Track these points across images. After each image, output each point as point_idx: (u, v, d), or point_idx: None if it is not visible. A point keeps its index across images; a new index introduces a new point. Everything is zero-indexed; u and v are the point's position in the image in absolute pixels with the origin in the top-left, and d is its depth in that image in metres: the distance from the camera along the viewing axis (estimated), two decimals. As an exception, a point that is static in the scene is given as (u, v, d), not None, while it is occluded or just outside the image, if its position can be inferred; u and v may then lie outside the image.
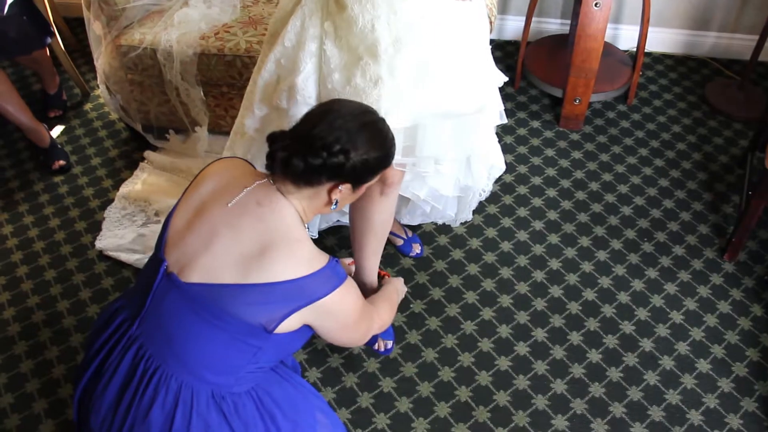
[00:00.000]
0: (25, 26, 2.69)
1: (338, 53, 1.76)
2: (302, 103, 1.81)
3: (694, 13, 3.27)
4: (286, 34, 1.82)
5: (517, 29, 3.37)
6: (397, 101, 1.76)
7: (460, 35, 1.86)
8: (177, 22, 2.60)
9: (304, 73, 1.80)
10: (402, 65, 1.74)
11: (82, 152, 2.91)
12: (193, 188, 1.57)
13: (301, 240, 1.47)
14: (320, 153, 1.45)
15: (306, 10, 1.80)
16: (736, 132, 2.98)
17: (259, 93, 1.92)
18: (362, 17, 1.71)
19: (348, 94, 1.74)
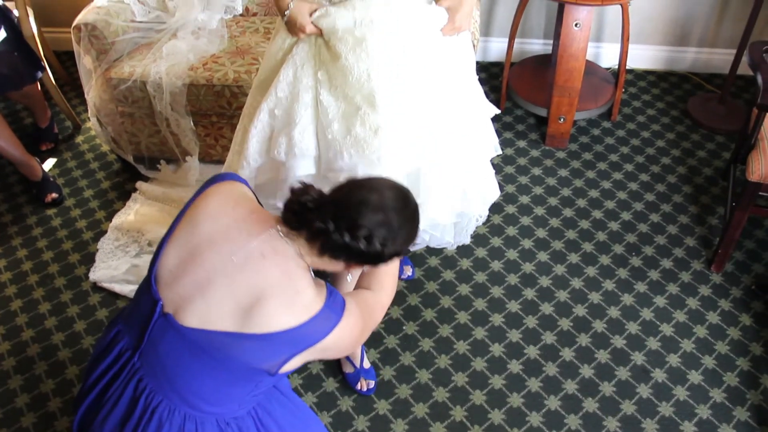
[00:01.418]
0: (17, 62, 2.73)
1: (335, 102, 1.79)
2: (300, 155, 1.83)
3: (673, 29, 3.34)
4: (278, 84, 1.83)
5: (501, 50, 3.43)
6: (398, 148, 1.79)
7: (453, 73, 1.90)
8: (166, 54, 2.64)
9: (301, 125, 1.81)
10: (400, 113, 1.77)
11: (75, 184, 2.93)
12: (188, 221, 1.52)
13: (300, 291, 1.44)
14: (360, 241, 1.41)
15: (297, 59, 1.82)
16: (719, 145, 3.03)
17: (254, 145, 1.91)
18: (357, 67, 1.74)
19: (349, 144, 1.76)
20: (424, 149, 1.85)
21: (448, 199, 1.99)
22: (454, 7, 1.86)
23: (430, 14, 1.84)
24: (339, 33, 1.77)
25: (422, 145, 1.84)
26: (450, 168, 1.91)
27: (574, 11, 2.63)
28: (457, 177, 1.96)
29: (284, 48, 1.87)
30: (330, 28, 1.78)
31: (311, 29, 1.80)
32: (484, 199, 2.17)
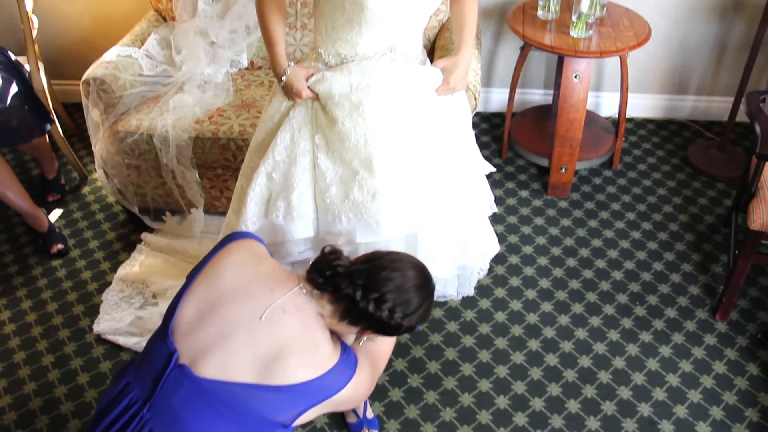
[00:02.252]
0: (27, 115, 2.78)
1: (332, 166, 1.82)
2: (299, 219, 1.85)
3: (671, 78, 3.39)
4: (275, 148, 1.86)
5: (502, 101, 3.48)
6: (396, 211, 1.81)
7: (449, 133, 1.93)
8: (172, 107, 2.69)
9: (299, 189, 1.84)
10: (398, 176, 1.80)
11: (80, 235, 2.95)
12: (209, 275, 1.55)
13: (319, 345, 1.49)
14: (383, 312, 1.50)
15: (294, 123, 1.86)
16: (720, 192, 3.05)
17: (252, 209, 1.93)
18: (354, 132, 1.77)
19: (347, 208, 1.79)
20: (422, 211, 1.87)
21: (448, 255, 2.01)
22: (449, 69, 1.91)
23: (425, 76, 1.88)
24: (336, 98, 1.81)
25: (420, 207, 1.86)
26: (449, 225, 1.93)
27: (574, 63, 2.68)
28: (456, 234, 1.98)
29: (281, 111, 1.91)
30: (326, 92, 1.82)
31: (308, 94, 1.84)
32: (484, 253, 2.19)
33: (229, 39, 2.88)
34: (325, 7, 1.78)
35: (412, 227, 1.88)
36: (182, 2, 2.94)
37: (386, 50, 1.84)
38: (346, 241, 1.86)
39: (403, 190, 1.83)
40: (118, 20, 3.45)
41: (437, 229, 1.93)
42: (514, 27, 2.80)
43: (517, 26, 2.79)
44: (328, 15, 1.79)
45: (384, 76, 1.82)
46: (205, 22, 2.89)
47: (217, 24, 2.88)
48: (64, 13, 3.49)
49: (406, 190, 1.83)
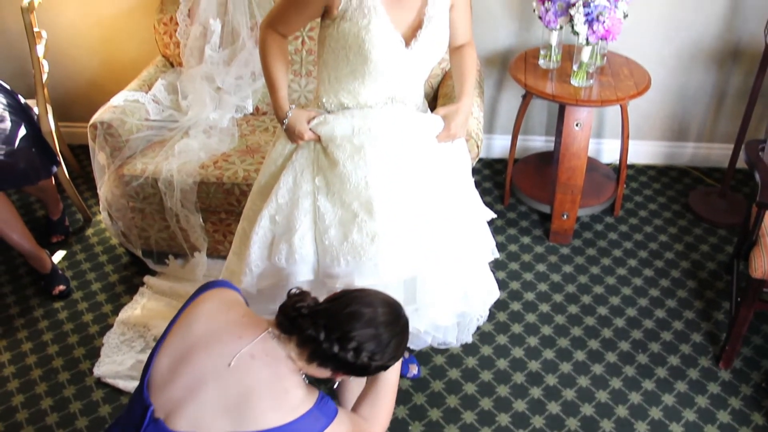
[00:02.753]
0: (34, 157, 2.81)
1: (332, 208, 1.83)
2: (301, 261, 1.86)
3: (671, 125, 3.43)
4: (278, 190, 1.89)
5: (504, 147, 3.51)
6: (395, 255, 1.82)
7: (449, 179, 1.95)
8: (177, 152, 2.72)
9: (300, 231, 1.85)
10: (398, 219, 1.81)
11: (83, 277, 2.96)
12: (181, 326, 1.56)
13: (289, 389, 1.48)
14: (348, 352, 1.47)
15: (297, 165, 1.88)
16: (722, 238, 3.06)
17: (255, 251, 1.95)
18: (355, 174, 1.80)
19: (346, 250, 1.80)
20: (421, 255, 1.87)
21: (448, 302, 2.01)
22: (450, 116, 1.94)
23: (426, 122, 1.91)
24: (337, 140, 1.84)
25: (420, 251, 1.87)
26: (449, 271, 1.94)
27: (575, 112, 2.72)
28: (457, 280, 1.99)
29: (284, 154, 1.94)
30: (328, 135, 1.85)
31: (310, 136, 1.87)
32: (485, 300, 2.19)
33: (234, 85, 2.93)
34: (329, 57, 1.82)
35: (411, 271, 1.89)
36: (189, 48, 3.00)
37: (387, 100, 1.88)
38: (345, 285, 1.85)
39: (403, 234, 1.84)
40: (126, 64, 3.51)
41: (437, 275, 1.93)
42: (516, 76, 2.84)
43: (518, 75, 2.84)
44: (332, 65, 1.83)
45: (386, 121, 1.85)
46: (211, 68, 2.94)
47: (224, 70, 2.93)
48: (73, 57, 3.55)
49: (405, 234, 1.84)
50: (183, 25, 3.02)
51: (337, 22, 1.75)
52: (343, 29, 1.74)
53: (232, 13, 2.94)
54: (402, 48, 1.77)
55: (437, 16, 1.81)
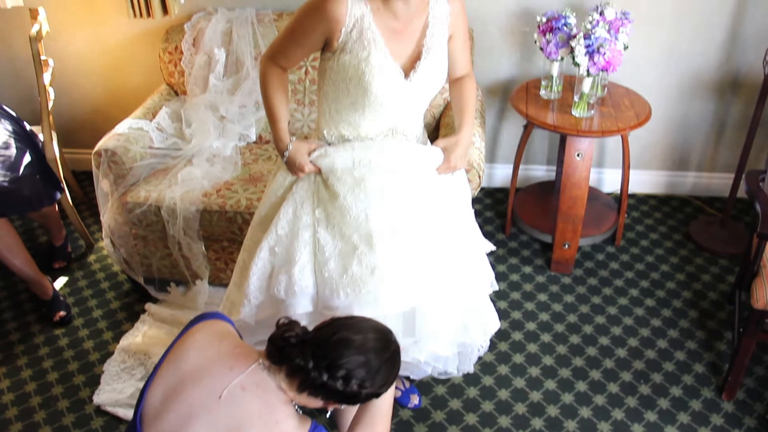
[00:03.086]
0: (38, 184, 2.82)
1: (332, 241, 1.84)
2: (300, 293, 1.87)
3: (672, 155, 3.45)
4: (278, 222, 1.90)
5: (506, 176, 3.53)
6: (395, 287, 1.83)
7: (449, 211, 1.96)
8: (181, 180, 2.73)
9: (300, 263, 1.86)
10: (397, 252, 1.82)
11: (84, 304, 2.95)
12: (173, 358, 1.56)
13: (280, 421, 1.48)
14: (337, 381, 1.47)
15: (297, 197, 1.90)
16: (723, 268, 3.06)
17: (254, 282, 1.95)
18: (355, 207, 1.81)
19: (345, 283, 1.80)
20: (421, 288, 1.87)
21: (447, 333, 2.01)
22: (450, 148, 1.96)
23: (426, 155, 1.93)
24: (338, 173, 1.85)
25: (419, 284, 1.87)
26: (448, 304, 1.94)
27: (576, 142, 2.74)
28: (456, 312, 1.98)
29: (284, 185, 1.95)
30: (329, 168, 1.86)
31: (310, 168, 1.88)
32: (485, 330, 2.19)
33: (238, 114, 2.96)
34: (330, 89, 1.84)
35: (411, 304, 1.89)
36: (194, 77, 3.03)
37: (388, 132, 1.90)
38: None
39: (402, 266, 1.84)
40: (130, 92, 3.54)
41: (436, 308, 1.93)
42: (517, 106, 2.87)
43: (520, 105, 2.86)
44: (332, 97, 1.85)
45: (386, 154, 1.86)
46: (215, 97, 2.97)
47: (227, 99, 2.96)
48: (79, 85, 3.59)
49: (405, 266, 1.85)
50: (188, 54, 3.06)
51: (337, 55, 1.77)
52: (343, 61, 1.76)
53: (237, 42, 2.98)
54: (401, 79, 1.79)
55: (435, 48, 1.83)
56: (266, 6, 3.18)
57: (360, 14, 1.72)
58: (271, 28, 3.03)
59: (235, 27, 3.01)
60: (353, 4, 1.72)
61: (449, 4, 1.85)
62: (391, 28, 1.77)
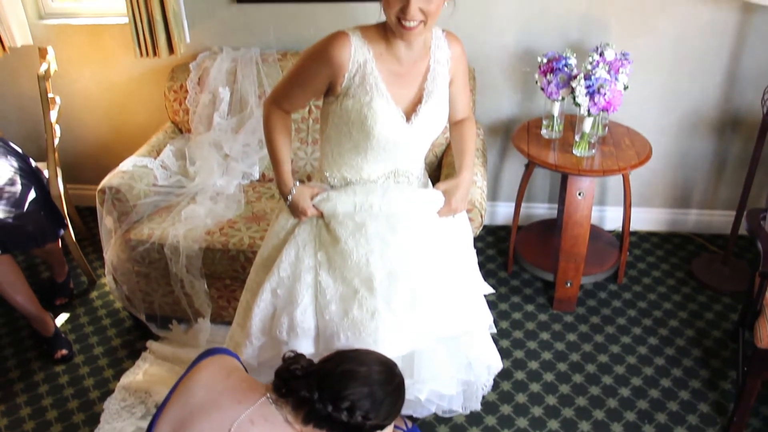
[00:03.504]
0: (42, 221, 2.84)
1: (333, 284, 1.85)
2: (302, 335, 1.87)
3: (673, 192, 3.46)
4: (280, 264, 1.91)
5: (508, 215, 3.54)
6: (394, 331, 1.83)
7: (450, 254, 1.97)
8: (184, 217, 2.74)
9: (302, 305, 1.87)
10: (397, 296, 1.83)
11: (85, 341, 2.95)
12: (181, 393, 1.56)
13: None
14: (342, 412, 1.48)
15: (299, 240, 1.91)
16: (726, 306, 3.05)
17: (257, 324, 1.96)
18: (356, 251, 1.82)
19: (346, 326, 1.81)
20: (419, 332, 1.88)
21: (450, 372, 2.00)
22: (451, 191, 1.98)
23: (427, 198, 1.95)
24: (339, 217, 1.86)
25: (418, 328, 1.88)
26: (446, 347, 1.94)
27: (577, 181, 2.75)
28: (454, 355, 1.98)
29: (287, 228, 1.96)
30: (331, 212, 1.88)
31: (313, 212, 1.90)
32: (489, 368, 2.18)
33: (242, 152, 2.98)
34: (332, 132, 1.86)
35: (410, 347, 1.88)
36: (198, 116, 3.06)
37: (390, 174, 1.91)
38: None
39: (403, 310, 1.85)
40: (135, 129, 3.58)
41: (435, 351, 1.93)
42: (518, 145, 2.89)
43: (521, 145, 2.89)
44: (335, 141, 1.87)
45: (388, 198, 1.88)
46: (219, 135, 2.99)
47: (232, 137, 2.99)
48: (84, 122, 3.63)
49: (404, 310, 1.85)
50: (193, 93, 3.10)
51: (340, 99, 1.80)
52: (346, 106, 1.78)
53: (241, 82, 3.02)
54: (403, 123, 1.81)
55: (437, 92, 1.86)
56: (270, 46, 3.23)
57: (363, 60, 1.75)
58: (275, 67, 3.07)
59: (239, 66, 3.06)
60: (357, 50, 1.75)
61: (450, 48, 1.88)
62: (394, 72, 1.80)
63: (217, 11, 3.23)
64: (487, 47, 3.16)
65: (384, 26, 1.78)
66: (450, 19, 1.88)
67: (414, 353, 1.90)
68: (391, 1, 1.67)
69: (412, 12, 1.65)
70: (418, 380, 1.92)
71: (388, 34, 1.77)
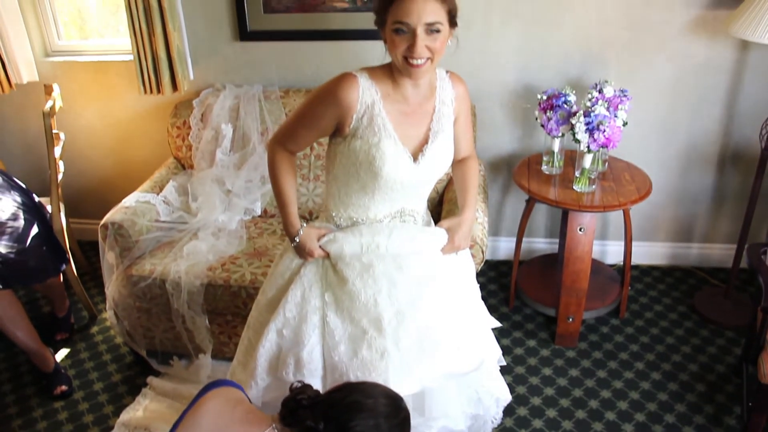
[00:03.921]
0: (44, 256, 2.84)
1: (341, 324, 1.85)
2: (309, 376, 1.87)
3: (674, 226, 3.47)
4: (286, 304, 1.91)
5: (510, 249, 3.55)
6: (404, 370, 1.83)
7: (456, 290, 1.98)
8: (186, 253, 2.75)
9: (309, 345, 1.87)
10: (406, 335, 1.83)
11: (86, 376, 2.93)
12: (186, 427, 1.56)
13: None
14: None
15: (305, 280, 1.91)
16: (729, 340, 3.04)
17: (262, 364, 1.95)
18: (364, 292, 1.83)
19: (355, 366, 1.81)
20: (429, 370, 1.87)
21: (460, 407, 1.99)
22: (454, 228, 1.99)
23: (432, 237, 1.96)
24: (346, 258, 1.87)
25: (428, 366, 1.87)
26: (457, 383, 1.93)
27: (578, 217, 2.76)
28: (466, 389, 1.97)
29: (292, 268, 1.96)
30: (338, 253, 1.88)
31: (320, 253, 1.90)
32: (498, 401, 2.17)
33: (244, 188, 3.00)
34: (340, 173, 1.87)
35: (420, 386, 1.88)
36: (201, 152, 3.09)
37: (396, 213, 1.93)
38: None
39: (412, 349, 1.84)
40: (139, 165, 3.61)
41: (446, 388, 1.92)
42: (519, 181, 2.91)
43: (522, 181, 2.90)
44: (342, 181, 1.88)
45: (394, 238, 1.88)
46: (222, 172, 3.02)
47: (234, 173, 3.01)
48: (88, 157, 3.65)
49: (414, 349, 1.85)
50: (195, 129, 3.13)
51: (348, 140, 1.81)
52: (354, 147, 1.80)
53: (244, 118, 3.05)
54: (410, 164, 1.83)
55: (443, 132, 1.88)
56: (273, 83, 3.27)
57: (371, 100, 1.77)
58: (277, 104, 3.10)
59: (242, 103, 3.09)
60: (365, 91, 1.77)
61: (454, 88, 1.91)
62: (401, 112, 1.82)
63: (220, 49, 3.28)
64: (488, 84, 3.20)
65: (390, 67, 1.80)
66: (452, 57, 1.91)
67: (424, 391, 1.89)
68: (397, 42, 1.70)
69: (419, 50, 1.68)
70: (429, 418, 1.91)
71: (395, 74, 1.79)
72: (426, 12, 1.66)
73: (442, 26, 1.70)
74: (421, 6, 1.66)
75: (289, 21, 3.15)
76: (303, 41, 3.20)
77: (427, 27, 1.68)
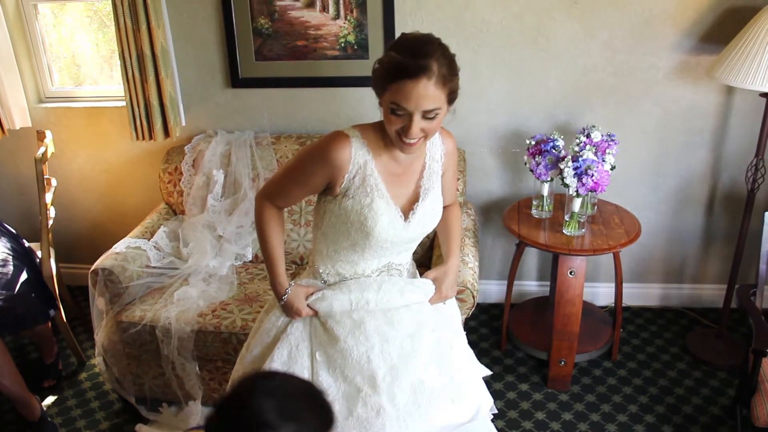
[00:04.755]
0: (33, 302, 2.82)
1: (334, 383, 1.83)
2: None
3: (664, 267, 3.48)
4: (271, 363, 1.87)
5: (501, 293, 3.55)
6: (401, 426, 1.81)
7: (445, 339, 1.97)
8: (176, 299, 2.74)
9: None
10: (400, 391, 1.82)
11: (73, 424, 2.88)
12: None
13: None
14: None
15: (292, 339, 1.89)
16: (722, 381, 3.03)
17: None
18: (357, 349, 1.81)
19: (351, 425, 1.79)
20: (426, 422, 1.85)
21: None
22: (440, 278, 2.00)
23: (419, 289, 1.96)
24: (336, 316, 1.86)
25: (424, 419, 1.85)
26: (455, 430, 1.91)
27: (568, 260, 2.77)
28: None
29: (278, 326, 1.94)
30: (327, 311, 1.87)
31: (308, 312, 1.89)
32: None
33: (235, 233, 3.00)
34: (329, 230, 1.87)
35: None
36: (192, 197, 3.10)
37: (383, 268, 1.93)
38: None
39: (407, 404, 1.83)
40: (129, 210, 3.61)
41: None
42: (509, 226, 2.92)
43: (512, 225, 2.92)
44: (332, 238, 1.87)
45: (383, 292, 1.88)
46: (213, 217, 3.02)
47: (225, 219, 3.02)
48: (79, 202, 3.65)
49: (409, 404, 1.83)
50: (187, 175, 3.14)
51: (339, 199, 1.80)
52: (345, 206, 1.79)
53: (235, 164, 3.07)
54: (401, 222, 1.83)
55: (432, 188, 1.89)
56: (264, 129, 3.31)
57: (363, 161, 1.77)
58: (269, 150, 3.13)
59: (233, 149, 3.11)
60: (357, 151, 1.77)
61: (444, 144, 1.92)
62: (392, 172, 1.83)
63: (212, 95, 3.31)
64: (477, 129, 3.24)
65: (381, 126, 1.78)
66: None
67: None
68: (392, 120, 1.68)
69: (414, 133, 1.68)
70: None
71: (387, 135, 1.77)
72: (426, 99, 1.63)
73: (441, 110, 1.68)
74: (422, 92, 1.62)
75: (281, 68, 3.19)
76: (294, 88, 3.24)
77: (424, 113, 1.66)
